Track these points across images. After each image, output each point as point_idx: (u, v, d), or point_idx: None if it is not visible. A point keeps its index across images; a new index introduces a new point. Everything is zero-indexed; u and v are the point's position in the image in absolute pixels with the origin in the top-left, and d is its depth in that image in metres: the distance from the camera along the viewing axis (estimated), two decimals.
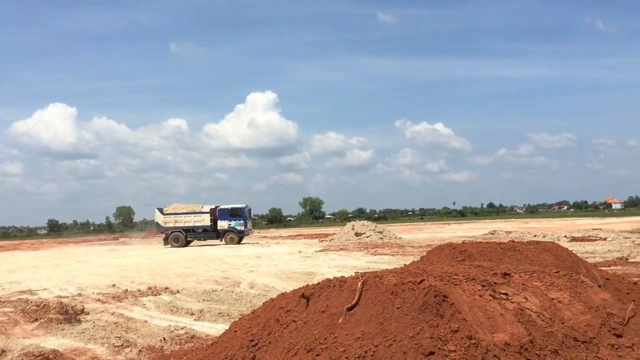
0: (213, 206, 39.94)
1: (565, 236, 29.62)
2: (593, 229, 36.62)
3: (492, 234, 37.62)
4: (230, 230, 38.94)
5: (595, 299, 5.06)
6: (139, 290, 14.37)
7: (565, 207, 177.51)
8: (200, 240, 39.87)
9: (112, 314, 10.89)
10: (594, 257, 18.80)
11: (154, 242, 50.31)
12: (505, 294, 4.55)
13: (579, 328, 4.46)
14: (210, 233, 39.11)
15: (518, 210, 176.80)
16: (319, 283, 5.37)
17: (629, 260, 17.17)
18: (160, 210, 39.60)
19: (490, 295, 4.46)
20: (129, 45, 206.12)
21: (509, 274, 5.03)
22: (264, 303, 6.04)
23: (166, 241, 39.20)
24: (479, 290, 4.49)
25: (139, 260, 27.31)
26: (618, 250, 20.86)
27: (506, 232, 37.78)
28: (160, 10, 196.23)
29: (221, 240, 39.06)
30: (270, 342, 4.94)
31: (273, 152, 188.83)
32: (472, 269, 5.36)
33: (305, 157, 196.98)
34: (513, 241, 9.58)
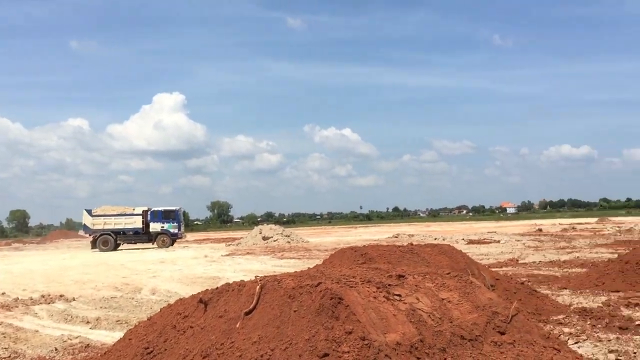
0: (145, 208, 38.87)
1: (463, 239, 31.07)
2: (488, 232, 38.67)
3: (396, 237, 38.80)
4: (163, 233, 37.98)
5: (482, 298, 5.34)
6: (31, 299, 13.57)
7: (465, 211, 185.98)
8: (131, 243, 38.50)
9: (0, 324, 10.21)
10: (488, 259, 19.85)
11: (50, 247, 47.63)
12: (399, 295, 4.71)
13: (466, 326, 4.70)
14: (142, 236, 38.03)
15: (421, 214, 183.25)
16: (217, 288, 5.33)
17: (519, 262, 18.27)
18: (89, 212, 38.02)
19: (384, 296, 4.61)
20: (25, 40, 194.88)
21: (403, 276, 5.21)
22: (161, 309, 5.90)
23: (94, 244, 37.51)
24: (374, 292, 4.62)
25: (34, 266, 25.76)
26: (510, 252, 22.14)
27: (409, 235, 39.06)
28: (59, 4, 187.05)
29: (153, 244, 37.95)
30: (165, 349, 4.84)
31: (180, 154, 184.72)
32: (370, 272, 5.51)
33: (214, 160, 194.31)
34: (412, 244, 9.95)
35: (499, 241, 28.87)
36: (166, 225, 38.06)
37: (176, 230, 38.57)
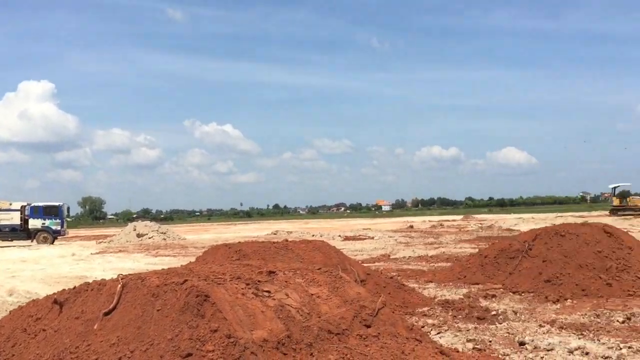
0: (24, 203, 36.25)
1: (340, 235, 31.87)
2: (364, 229, 39.99)
3: (275, 234, 38.89)
4: (44, 229, 35.65)
5: (351, 293, 5.44)
6: None
7: (343, 209, 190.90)
8: (7, 240, 35.38)
9: None
10: (362, 254, 20.49)
11: None
12: (268, 291, 4.67)
13: (333, 321, 4.75)
14: (20, 233, 35.41)
15: (301, 212, 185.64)
16: (75, 287, 4.98)
17: (391, 257, 19.04)
18: None
19: (253, 293, 4.54)
20: None
21: (274, 272, 5.18)
22: (10, 312, 5.41)
23: None
24: (243, 288, 4.54)
25: None
26: (382, 248, 23.01)
27: (287, 232, 39.35)
28: None
29: (32, 241, 35.24)
30: (14, 355, 4.43)
31: (49, 146, 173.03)
32: (241, 268, 5.42)
33: (87, 154, 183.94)
34: (287, 241, 9.98)
35: (372, 237, 29.93)
36: (47, 222, 35.92)
37: (58, 227, 36.50)
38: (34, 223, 35.76)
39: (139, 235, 35.18)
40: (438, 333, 7.58)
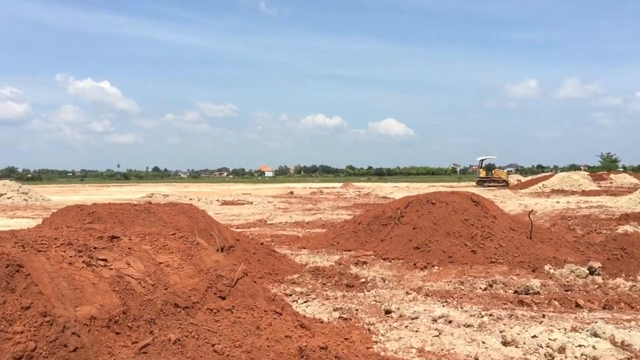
0: None
1: (218, 200, 31.04)
2: (243, 194, 39.37)
3: (150, 197, 37.20)
4: None
5: (208, 261, 4.91)
6: None
7: (225, 174, 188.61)
8: None
9: None
10: (239, 219, 19.97)
11: None
12: (105, 260, 4.01)
13: (182, 293, 4.21)
14: None
15: (182, 175, 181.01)
16: None
17: (267, 222, 18.67)
18: None
19: (84, 262, 3.87)
20: None
21: (117, 237, 4.52)
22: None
23: None
24: (71, 257, 3.85)
25: None
26: (260, 213, 22.61)
27: (164, 195, 37.83)
28: None
29: None
30: None
31: None
32: (79, 233, 4.68)
33: None
34: (150, 203, 9.20)
35: (251, 203, 29.43)
36: None
37: None
38: None
39: None
40: (305, 302, 7.28)
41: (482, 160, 55.86)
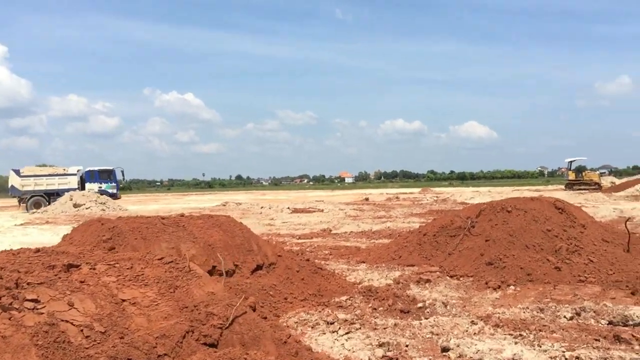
0: (80, 167, 37.32)
1: (289, 207, 30.30)
2: (316, 201, 38.53)
3: (224, 205, 37.23)
4: (101, 193, 35.74)
5: (198, 294, 3.87)
6: None
7: (306, 180, 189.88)
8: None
9: None
10: (304, 229, 19.01)
11: None
12: (35, 300, 3.05)
13: (143, 343, 3.18)
14: None
15: (264, 183, 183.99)
16: None
17: (332, 232, 17.57)
18: (17, 172, 35.22)
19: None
20: None
21: (75, 266, 3.55)
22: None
23: (25, 206, 34.78)
24: None
25: None
26: (328, 222, 21.54)
27: (237, 203, 37.68)
28: None
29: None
30: None
31: (2, 112, 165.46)
32: (43, 258, 3.76)
33: (42, 120, 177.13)
34: (183, 215, 8.34)
35: (322, 210, 28.46)
36: (104, 186, 36.72)
37: (114, 191, 37.12)
38: (91, 187, 36.09)
39: (75, 206, 32.88)
40: (347, 333, 6.11)
41: (571, 161, 52.26)
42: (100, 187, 36.72)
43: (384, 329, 6.25)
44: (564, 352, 5.21)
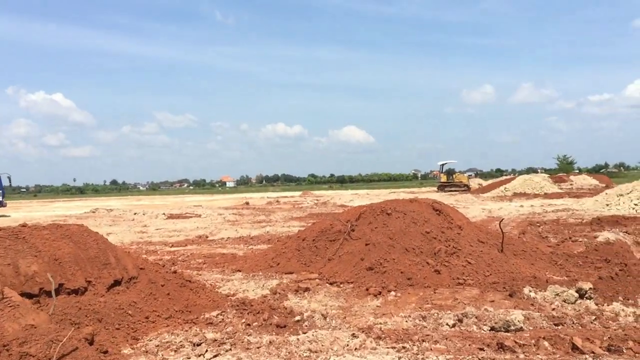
0: None
1: (164, 213, 28.74)
2: (194, 206, 37.10)
3: (94, 212, 34.70)
4: None
5: (13, 328, 2.99)
6: None
7: (186, 185, 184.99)
8: None
9: None
10: (179, 236, 17.89)
11: None
12: None
13: None
14: None
15: (141, 188, 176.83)
16: None
17: (208, 238, 16.65)
18: None
19: None
20: None
21: None
22: None
23: None
24: None
25: None
26: (205, 227, 20.53)
27: (108, 209, 35.28)
28: None
29: None
30: None
31: None
32: None
33: None
34: (24, 225, 7.15)
35: (200, 215, 27.25)
36: None
37: (0, 198, 33.12)
38: None
39: None
40: (215, 356, 5.38)
41: (442, 164, 54.84)
42: None
43: (258, 348, 5.60)
44: None
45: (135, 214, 29.93)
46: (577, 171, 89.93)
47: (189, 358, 5.39)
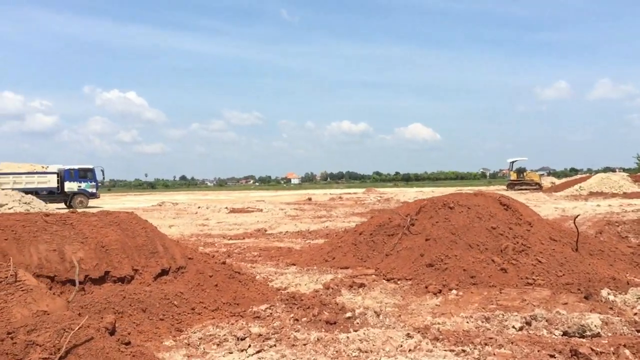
0: (61, 166, 35.84)
1: (227, 207, 28.98)
2: (257, 201, 37.29)
3: (160, 205, 35.60)
4: (80, 192, 35.11)
5: (22, 314, 2.74)
6: None
7: (252, 181, 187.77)
8: (45, 203, 31.52)
9: None
10: (238, 229, 17.82)
11: None
12: None
13: None
14: (57, 195, 34.54)
15: (209, 183, 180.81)
16: None
17: (267, 232, 16.47)
18: None
19: None
20: None
21: None
22: None
23: None
24: None
25: None
26: (265, 222, 20.42)
27: (174, 203, 36.02)
28: None
29: (68, 204, 34.08)
30: None
31: None
32: None
33: None
34: (74, 211, 7.08)
35: (261, 210, 27.27)
36: (83, 185, 35.44)
37: (94, 190, 36.04)
38: (70, 186, 34.93)
39: None
40: (258, 352, 5.04)
41: (512, 162, 52.85)
42: (80, 187, 35.45)
43: (304, 345, 5.22)
44: None
45: (199, 207, 30.36)
46: None
47: (231, 352, 5.08)
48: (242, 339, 5.41)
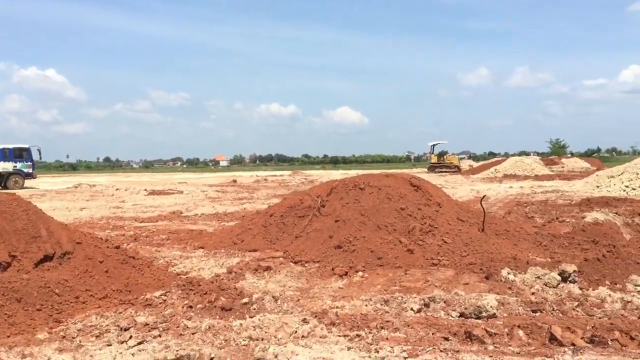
0: None
1: (146, 189, 27.97)
2: (179, 183, 36.32)
3: (76, 187, 33.95)
4: (16, 173, 33.35)
5: None
6: None
7: (179, 163, 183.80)
8: None
9: None
10: (154, 211, 17.15)
11: None
12: None
13: None
14: None
15: (134, 165, 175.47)
16: None
17: (182, 214, 15.94)
18: None
19: None
20: None
21: None
22: None
23: None
24: None
25: None
26: (183, 204, 19.80)
27: (91, 185, 34.50)
28: None
29: (3, 185, 32.48)
30: None
31: None
32: None
33: None
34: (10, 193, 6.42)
35: (182, 192, 26.50)
36: (19, 165, 33.68)
37: (30, 170, 34.42)
38: (5, 166, 33.05)
39: None
40: (140, 343, 4.67)
41: (433, 145, 54.16)
42: (15, 167, 33.49)
43: (192, 334, 4.89)
44: (405, 358, 4.16)
45: (117, 189, 29.14)
46: (570, 155, 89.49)
47: (110, 345, 4.69)
48: (125, 330, 5.02)
